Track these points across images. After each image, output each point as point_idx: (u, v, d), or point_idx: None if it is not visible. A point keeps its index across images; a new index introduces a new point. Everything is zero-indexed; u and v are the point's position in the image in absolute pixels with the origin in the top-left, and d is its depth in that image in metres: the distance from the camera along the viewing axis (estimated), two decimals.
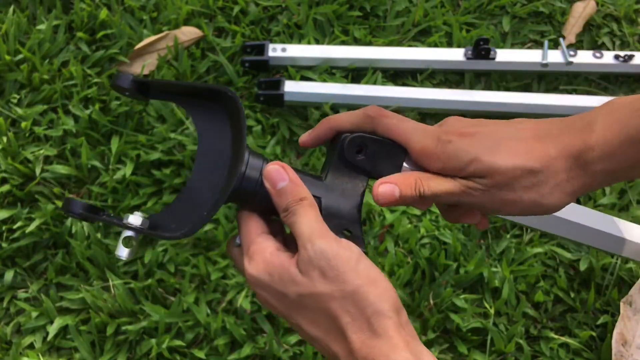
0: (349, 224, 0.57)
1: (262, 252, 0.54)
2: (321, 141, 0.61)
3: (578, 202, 1.19)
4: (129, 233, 0.54)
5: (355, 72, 1.32)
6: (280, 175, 0.56)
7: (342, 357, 0.51)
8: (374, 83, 1.30)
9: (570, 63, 1.29)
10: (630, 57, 1.30)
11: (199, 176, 0.57)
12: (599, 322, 1.09)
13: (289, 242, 0.58)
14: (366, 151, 0.58)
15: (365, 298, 0.50)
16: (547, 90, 1.32)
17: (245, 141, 0.54)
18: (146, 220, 0.55)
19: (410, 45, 1.35)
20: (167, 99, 0.59)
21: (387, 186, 0.56)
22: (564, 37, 1.37)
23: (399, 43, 1.35)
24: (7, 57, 1.27)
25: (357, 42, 1.34)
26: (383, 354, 0.49)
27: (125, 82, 0.56)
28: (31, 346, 1.07)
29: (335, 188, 0.58)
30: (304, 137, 0.62)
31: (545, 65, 1.29)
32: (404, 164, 0.59)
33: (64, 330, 1.08)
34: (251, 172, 0.55)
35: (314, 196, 0.56)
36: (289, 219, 0.54)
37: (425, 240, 1.14)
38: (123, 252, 0.54)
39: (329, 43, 1.34)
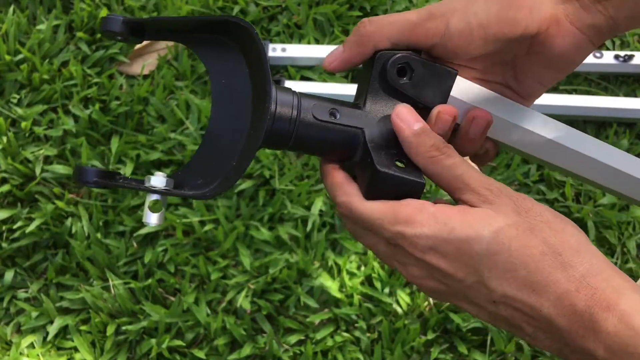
0: (400, 154, 0.49)
1: (424, 209, 0.47)
2: (355, 64, 0.53)
3: (578, 201, 1.19)
4: (154, 197, 0.48)
5: (355, 72, 1.32)
6: (415, 116, 0.49)
7: (546, 306, 0.44)
8: None
9: None
10: (630, 57, 1.30)
11: (218, 121, 0.51)
12: None
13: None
14: (412, 74, 0.51)
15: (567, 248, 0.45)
16: (547, 90, 1.32)
17: (269, 75, 0.47)
18: (170, 180, 0.48)
19: None
20: (166, 38, 0.52)
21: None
22: None
23: None
24: (7, 57, 1.27)
25: None
26: (609, 286, 0.43)
27: (115, 26, 0.48)
28: (31, 346, 1.07)
29: (376, 116, 0.51)
30: (333, 60, 0.53)
31: None
32: (451, 94, 0.53)
33: (64, 330, 1.08)
34: (283, 109, 0.48)
35: (356, 127, 0.50)
36: (442, 161, 0.48)
37: None
38: (152, 218, 0.48)
39: (329, 43, 1.34)
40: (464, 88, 0.55)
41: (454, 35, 0.50)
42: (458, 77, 0.54)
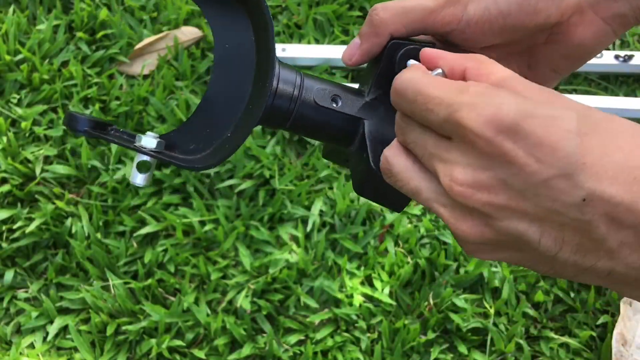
0: None
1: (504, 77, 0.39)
2: (375, 54, 0.49)
3: None
4: (143, 157, 0.46)
5: (355, 72, 1.32)
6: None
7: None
8: None
9: None
10: (630, 57, 1.30)
11: (217, 87, 0.48)
12: (599, 322, 1.09)
13: None
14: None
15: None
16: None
17: (274, 50, 0.45)
18: (161, 141, 0.46)
19: None
20: None
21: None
22: None
23: None
24: (7, 57, 1.27)
25: None
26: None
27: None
28: (31, 346, 1.07)
29: (380, 107, 0.48)
30: (352, 54, 0.50)
31: None
32: None
33: (64, 330, 1.08)
34: (284, 87, 0.46)
35: (356, 117, 0.47)
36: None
37: (425, 240, 1.14)
38: (138, 179, 0.46)
39: (329, 43, 1.34)
40: None
41: (472, 23, 0.48)
42: None
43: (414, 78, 0.40)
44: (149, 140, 0.45)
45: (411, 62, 0.45)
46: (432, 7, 0.48)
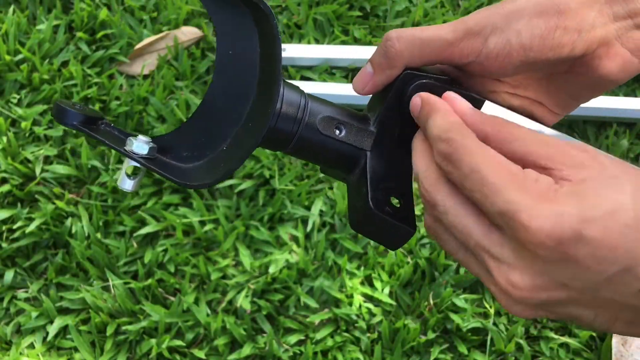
0: (400, 188, 0.45)
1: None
2: (388, 84, 0.47)
3: None
4: (133, 163, 0.43)
5: (355, 72, 1.32)
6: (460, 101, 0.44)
7: None
8: None
9: None
10: None
11: (216, 94, 0.46)
12: None
13: None
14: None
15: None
16: None
17: (280, 74, 0.42)
18: (153, 147, 0.43)
19: None
20: None
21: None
22: None
23: None
24: (7, 57, 1.27)
25: (357, 42, 1.34)
26: None
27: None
28: (31, 346, 1.07)
29: (384, 139, 0.46)
30: (364, 84, 0.47)
31: None
32: None
33: (64, 330, 1.08)
34: (288, 109, 0.43)
35: (359, 148, 0.45)
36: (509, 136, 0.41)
37: (425, 240, 1.14)
38: (126, 184, 0.43)
39: (329, 43, 1.34)
40: (489, 112, 0.49)
41: (492, 55, 0.46)
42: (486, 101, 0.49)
43: (469, 147, 0.38)
44: (140, 146, 0.42)
45: (449, 97, 0.43)
46: (451, 39, 0.46)
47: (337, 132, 0.45)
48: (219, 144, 0.45)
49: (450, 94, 0.44)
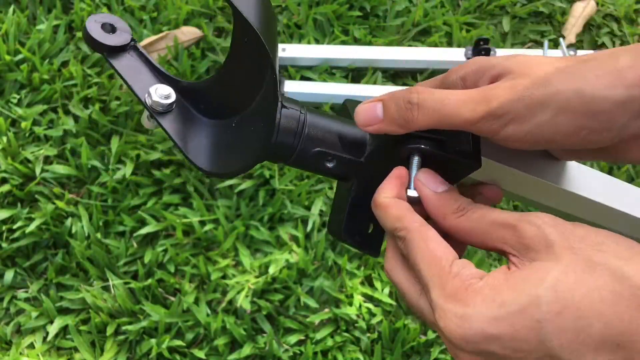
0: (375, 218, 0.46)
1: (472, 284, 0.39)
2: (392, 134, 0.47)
3: None
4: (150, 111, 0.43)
5: (355, 72, 1.32)
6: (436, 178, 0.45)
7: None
8: (374, 83, 1.30)
9: None
10: None
11: (234, 64, 0.46)
12: None
13: None
14: (425, 161, 0.46)
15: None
16: None
17: (279, 104, 0.43)
18: (170, 104, 0.44)
19: (410, 45, 1.34)
20: None
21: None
22: (564, 37, 1.37)
23: (399, 43, 1.35)
24: (7, 57, 1.27)
25: (357, 42, 1.34)
26: None
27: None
28: (31, 346, 1.07)
29: (371, 172, 0.47)
30: (370, 124, 0.46)
31: None
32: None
33: (64, 330, 1.08)
34: (287, 121, 0.44)
35: (345, 178, 0.47)
36: (470, 216, 0.43)
37: None
38: (146, 123, 0.44)
39: (329, 43, 1.34)
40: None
41: (509, 140, 0.44)
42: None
43: (415, 241, 0.42)
44: (156, 103, 0.43)
45: (410, 192, 0.45)
46: (469, 119, 0.44)
47: (329, 164, 0.47)
48: (230, 117, 0.46)
49: (422, 178, 0.45)
